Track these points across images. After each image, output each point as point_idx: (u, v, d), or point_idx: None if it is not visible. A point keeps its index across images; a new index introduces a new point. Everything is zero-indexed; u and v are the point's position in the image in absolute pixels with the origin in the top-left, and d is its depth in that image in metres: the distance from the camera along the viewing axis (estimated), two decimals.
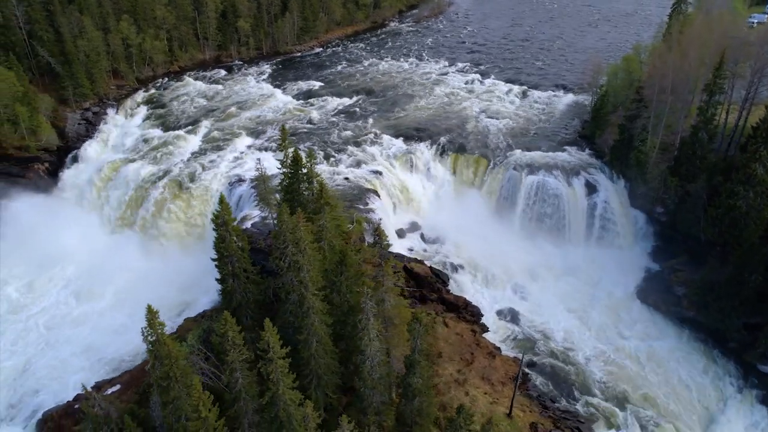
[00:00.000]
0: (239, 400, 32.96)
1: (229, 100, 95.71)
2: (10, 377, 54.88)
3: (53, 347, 57.71)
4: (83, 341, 57.06)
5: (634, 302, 61.99)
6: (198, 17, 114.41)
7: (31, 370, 55.76)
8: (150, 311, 32.14)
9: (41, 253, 69.93)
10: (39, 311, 62.86)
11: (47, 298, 64.52)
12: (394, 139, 79.56)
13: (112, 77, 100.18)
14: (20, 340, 59.09)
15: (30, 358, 57.03)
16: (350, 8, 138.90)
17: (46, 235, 72.22)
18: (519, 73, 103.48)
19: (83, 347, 56.41)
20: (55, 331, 59.58)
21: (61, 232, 72.92)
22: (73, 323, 60.33)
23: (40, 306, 63.72)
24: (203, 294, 58.08)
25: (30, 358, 57.03)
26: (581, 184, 69.20)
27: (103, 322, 60.08)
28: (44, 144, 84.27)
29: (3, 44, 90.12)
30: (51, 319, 61.16)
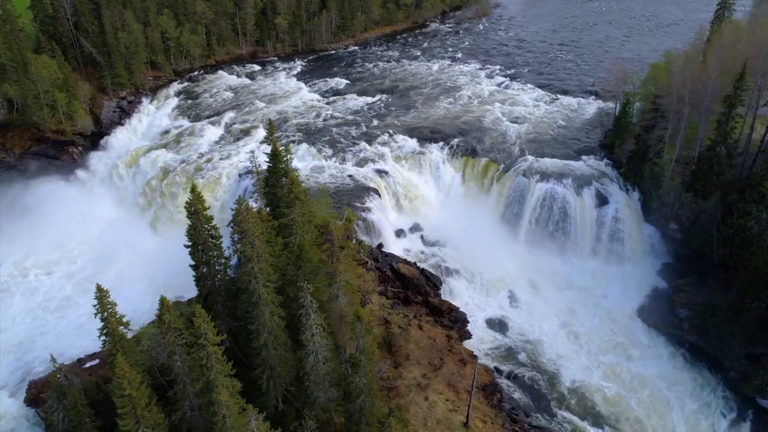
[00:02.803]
0: (178, 383, 33.83)
1: (255, 95, 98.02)
2: (13, 347, 58.46)
3: (56, 321, 61.05)
4: (81, 318, 59.84)
5: (635, 321, 59.14)
6: (238, 13, 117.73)
7: (34, 341, 59.25)
8: (99, 290, 33.56)
9: (63, 230, 74.18)
10: (51, 286, 66.67)
11: (60, 273, 68.27)
12: (407, 138, 79.18)
13: (149, 68, 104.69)
14: (28, 313, 62.82)
15: (34, 330, 60.62)
16: (390, 8, 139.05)
17: (70, 213, 76.52)
18: (551, 78, 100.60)
19: (80, 323, 59.23)
20: (61, 306, 62.98)
21: (84, 212, 77.25)
22: (76, 299, 63.53)
23: (53, 280, 67.58)
24: None
25: (34, 330, 60.62)
26: (592, 194, 66.56)
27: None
28: (79, 129, 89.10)
29: (52, 35, 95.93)
30: (58, 293, 64.67)
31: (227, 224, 38.60)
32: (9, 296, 65.07)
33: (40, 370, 54.00)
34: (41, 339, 59.81)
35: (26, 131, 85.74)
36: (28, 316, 62.26)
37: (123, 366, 28.83)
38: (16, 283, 67.13)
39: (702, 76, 57.17)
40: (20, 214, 75.77)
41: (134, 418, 29.93)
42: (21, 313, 62.84)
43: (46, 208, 76.23)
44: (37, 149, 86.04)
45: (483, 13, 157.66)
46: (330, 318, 38.90)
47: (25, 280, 67.34)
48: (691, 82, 58.24)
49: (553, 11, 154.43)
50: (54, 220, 74.14)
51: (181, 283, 64.77)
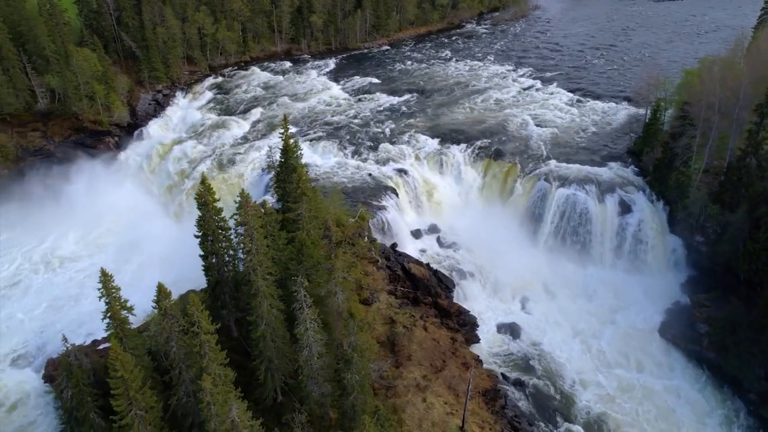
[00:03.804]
0: (174, 368, 34.77)
1: (285, 91, 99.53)
2: (40, 326, 61.15)
3: (79, 304, 63.51)
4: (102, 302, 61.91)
5: (652, 334, 57.18)
6: (274, 11, 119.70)
7: (58, 322, 61.77)
8: (104, 274, 34.81)
9: (94, 217, 77.14)
10: (78, 270, 69.42)
11: (89, 259, 70.96)
12: (430, 139, 78.91)
13: (186, 63, 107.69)
14: (55, 294, 65.57)
15: (59, 311, 63.24)
16: (425, 8, 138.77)
17: (102, 202, 79.49)
18: (583, 82, 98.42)
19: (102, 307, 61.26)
20: (85, 290, 65.44)
21: (116, 201, 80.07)
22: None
23: (80, 265, 70.35)
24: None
25: (59, 311, 63.24)
26: (615, 202, 64.76)
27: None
28: (116, 120, 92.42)
29: (95, 29, 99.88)
30: (84, 277, 67.23)
31: (230, 216, 39.38)
32: (39, 278, 68.12)
33: (58, 349, 56.18)
34: (65, 320, 62.25)
35: (66, 120, 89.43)
36: (54, 298, 64.91)
37: (116, 348, 29.85)
38: (46, 266, 70.19)
39: (733, 83, 54.90)
40: (55, 200, 79.11)
41: (127, 400, 30.93)
42: (48, 295, 65.57)
43: (80, 196, 79.41)
44: (76, 138, 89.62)
45: (521, 15, 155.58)
46: (328, 314, 39.26)
47: (54, 264, 70.24)
48: (722, 89, 55.97)
49: (591, 15, 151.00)
50: (86, 208, 77.12)
51: (201, 274, 66.48)
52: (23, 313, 62.20)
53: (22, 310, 62.62)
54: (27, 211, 77.17)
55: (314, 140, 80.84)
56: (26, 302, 63.93)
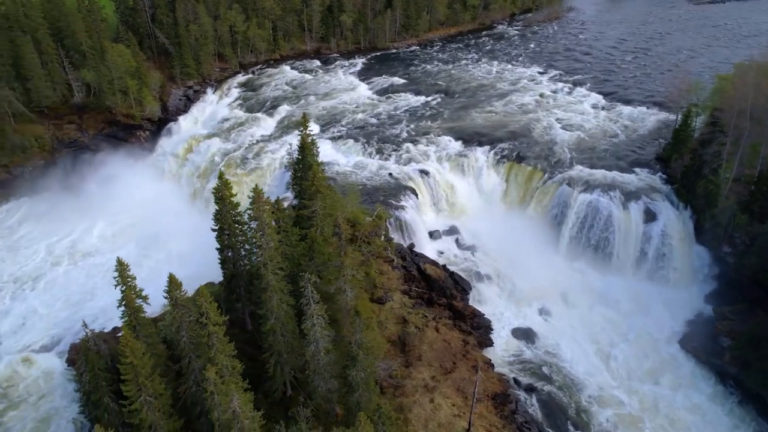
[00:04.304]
0: (184, 357, 35.59)
1: (312, 89, 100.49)
2: (67, 311, 63.29)
3: (106, 292, 65.31)
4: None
5: (672, 346, 55.72)
6: (305, 9, 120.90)
7: (85, 307, 63.86)
8: (120, 263, 35.86)
9: (122, 210, 79.33)
10: (106, 260, 71.45)
11: (110, 252, 72.75)
12: (453, 140, 78.56)
13: (217, 60, 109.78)
14: (83, 281, 67.73)
15: (87, 297, 65.33)
16: (456, 8, 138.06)
17: (131, 194, 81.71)
18: (614, 86, 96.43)
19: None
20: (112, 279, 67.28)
21: (143, 194, 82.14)
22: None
23: (107, 256, 72.34)
24: None
25: (87, 297, 65.33)
26: (639, 209, 63.34)
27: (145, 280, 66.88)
28: (147, 114, 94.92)
29: (131, 25, 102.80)
30: (107, 270, 69.14)
31: (244, 210, 40.04)
32: (68, 266, 70.42)
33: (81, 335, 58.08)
34: (92, 306, 64.34)
35: (100, 114, 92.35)
36: (82, 285, 67.04)
37: (127, 336, 30.75)
38: (75, 254, 72.46)
39: (766, 89, 53.07)
40: (85, 192, 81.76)
41: (136, 386, 31.81)
42: (76, 282, 67.76)
43: (109, 188, 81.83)
44: (109, 131, 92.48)
45: (554, 16, 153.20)
46: (337, 311, 39.56)
47: (83, 253, 72.49)
48: (756, 95, 54.19)
49: (626, 17, 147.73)
50: (114, 201, 79.37)
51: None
52: (49, 303, 64.27)
53: (48, 300, 64.74)
54: (57, 202, 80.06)
55: (338, 139, 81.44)
56: (51, 292, 65.98)
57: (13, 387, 53.91)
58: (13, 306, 63.95)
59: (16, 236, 75.68)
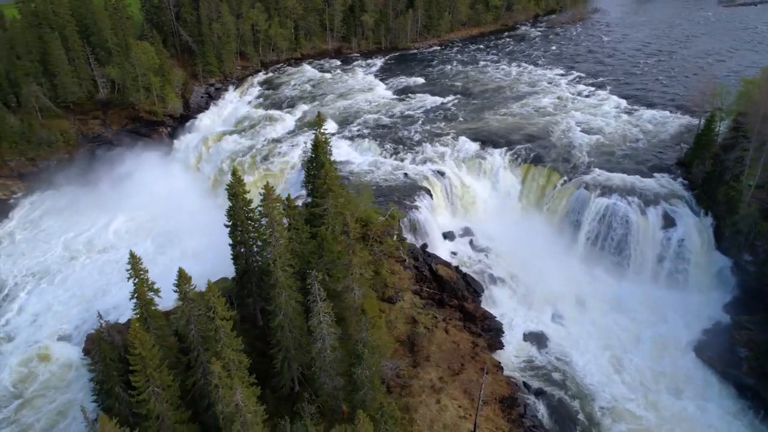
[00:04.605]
0: (192, 350, 36.15)
1: (331, 89, 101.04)
2: (87, 302, 64.76)
3: (123, 284, 66.65)
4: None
5: (687, 354, 54.67)
6: (327, 9, 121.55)
7: (103, 298, 65.27)
8: (132, 256, 36.58)
9: (143, 203, 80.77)
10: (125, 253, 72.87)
11: (134, 243, 74.29)
12: (470, 141, 78.14)
13: (239, 58, 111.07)
14: (102, 274, 69.22)
15: (106, 290, 66.76)
16: (479, 9, 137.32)
17: (151, 189, 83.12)
18: (637, 90, 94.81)
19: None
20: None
21: (164, 190, 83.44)
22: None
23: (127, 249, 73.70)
24: None
25: (106, 290, 66.76)
26: (658, 214, 62.26)
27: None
28: (169, 111, 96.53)
29: (155, 23, 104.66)
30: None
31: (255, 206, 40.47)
32: (86, 260, 71.99)
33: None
34: (108, 299, 65.67)
35: (124, 110, 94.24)
36: (99, 279, 68.51)
37: (136, 327, 31.37)
38: (93, 249, 74.00)
39: None
40: (108, 185, 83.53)
41: (145, 377, 32.43)
42: (93, 276, 69.22)
43: (130, 183, 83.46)
44: (132, 127, 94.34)
45: (579, 18, 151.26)
46: (344, 309, 39.76)
47: (100, 249, 74.00)
48: None
49: (653, 19, 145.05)
50: (134, 196, 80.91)
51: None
52: (66, 296, 65.89)
53: (65, 293, 66.40)
54: (78, 196, 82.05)
55: (355, 138, 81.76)
56: (68, 286, 67.54)
57: (32, 376, 55.43)
58: (31, 299, 65.65)
59: (37, 230, 77.77)
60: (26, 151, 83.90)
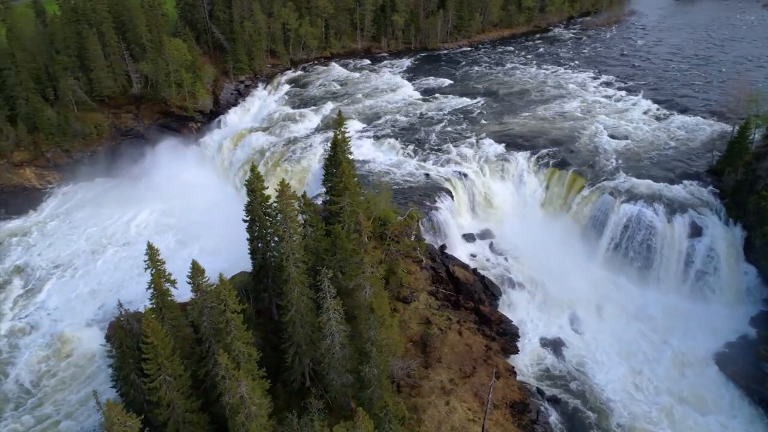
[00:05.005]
0: (204, 341, 36.90)
1: (359, 88, 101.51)
2: (112, 291, 66.69)
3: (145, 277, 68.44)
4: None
5: (710, 368, 53.07)
6: (357, 9, 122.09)
7: (128, 287, 67.11)
8: (150, 248, 37.54)
9: (169, 197, 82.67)
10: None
11: (158, 236, 75.95)
12: (495, 143, 77.47)
13: (269, 56, 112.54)
14: (129, 264, 71.08)
15: (131, 279, 68.56)
16: (511, 10, 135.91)
17: (179, 183, 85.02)
18: (670, 94, 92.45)
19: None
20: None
21: (191, 184, 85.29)
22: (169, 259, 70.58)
23: (154, 239, 75.57)
24: None
25: (131, 279, 68.56)
26: (685, 223, 60.62)
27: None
28: (199, 107, 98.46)
29: (189, 20, 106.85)
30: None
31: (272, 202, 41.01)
32: (114, 250, 74.08)
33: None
34: (133, 288, 67.47)
35: (156, 105, 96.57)
36: (125, 269, 70.39)
37: (149, 317, 32.21)
38: (120, 240, 76.05)
39: None
40: (137, 179, 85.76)
41: (156, 365, 33.26)
42: (120, 267, 71.14)
43: (159, 177, 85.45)
44: (163, 122, 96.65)
45: (614, 20, 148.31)
46: (356, 307, 39.96)
47: (127, 240, 76.00)
48: None
49: (691, 23, 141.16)
50: (162, 189, 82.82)
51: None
52: (92, 287, 67.77)
53: (91, 284, 68.23)
54: (108, 188, 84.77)
55: (379, 137, 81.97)
56: (93, 276, 69.46)
57: (56, 362, 57.38)
58: (57, 288, 67.80)
59: (67, 221, 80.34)
60: (62, 142, 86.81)
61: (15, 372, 56.87)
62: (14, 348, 60.05)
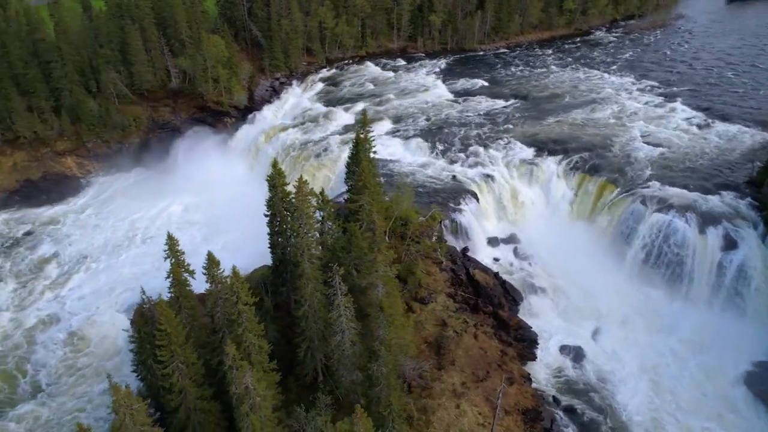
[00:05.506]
0: (217, 332, 37.68)
1: (392, 87, 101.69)
2: (138, 279, 68.70)
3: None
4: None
5: (738, 387, 50.93)
6: (395, 8, 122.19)
7: (154, 279, 68.95)
8: (170, 238, 38.57)
9: (200, 190, 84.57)
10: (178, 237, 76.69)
11: (186, 229, 77.71)
12: (526, 147, 76.37)
13: (305, 54, 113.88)
14: (157, 254, 73.09)
15: (159, 268, 70.47)
16: (551, 12, 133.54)
17: (210, 177, 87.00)
18: (713, 101, 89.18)
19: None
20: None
21: (222, 178, 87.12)
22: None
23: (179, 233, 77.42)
24: None
25: (159, 268, 70.47)
26: (718, 235, 58.41)
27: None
28: (235, 102, 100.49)
29: (228, 18, 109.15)
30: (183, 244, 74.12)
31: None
32: (144, 240, 76.36)
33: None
34: (162, 276, 69.39)
35: (192, 99, 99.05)
36: (152, 260, 72.31)
37: (162, 305, 33.12)
38: (152, 231, 78.19)
39: None
40: (170, 171, 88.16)
41: (169, 352, 34.16)
42: (147, 257, 73.25)
43: (191, 170, 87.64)
44: (199, 116, 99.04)
45: (660, 24, 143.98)
46: (368, 305, 40.07)
47: (155, 232, 77.93)
48: None
49: (744, 27, 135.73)
50: (194, 182, 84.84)
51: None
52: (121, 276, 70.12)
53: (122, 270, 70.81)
54: (143, 179, 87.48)
55: (408, 138, 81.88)
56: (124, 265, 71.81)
57: (84, 345, 59.56)
58: (89, 276, 70.29)
59: (103, 210, 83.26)
60: (102, 133, 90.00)
61: (41, 358, 59.06)
62: (41, 334, 62.41)
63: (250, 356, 35.28)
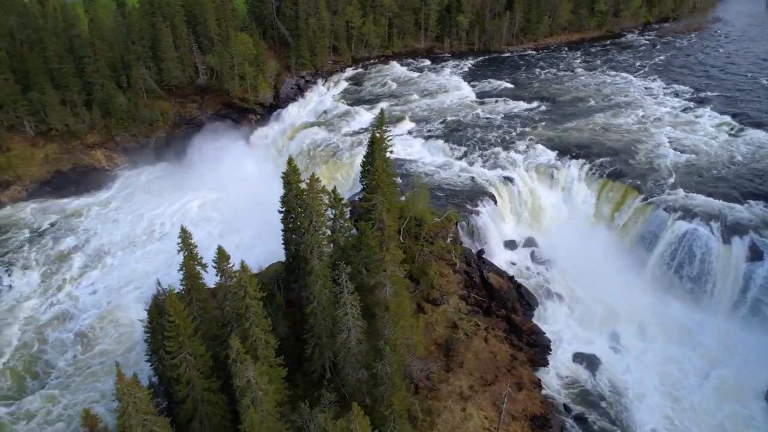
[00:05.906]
0: (226, 325, 38.24)
1: (416, 87, 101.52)
2: (156, 271, 70.12)
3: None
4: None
5: (759, 402, 49.45)
6: (423, 8, 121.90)
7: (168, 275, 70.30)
8: (183, 231, 39.29)
9: (223, 186, 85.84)
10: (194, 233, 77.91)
11: (206, 224, 78.94)
12: (548, 150, 75.30)
13: (331, 53, 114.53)
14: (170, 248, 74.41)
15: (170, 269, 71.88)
16: (582, 14, 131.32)
17: (233, 173, 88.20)
18: (745, 108, 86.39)
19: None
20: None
21: (245, 175, 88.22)
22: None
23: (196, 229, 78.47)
24: None
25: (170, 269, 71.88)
26: (744, 245, 56.70)
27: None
28: (260, 99, 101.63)
29: (257, 16, 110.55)
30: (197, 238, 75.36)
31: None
32: (164, 234, 77.82)
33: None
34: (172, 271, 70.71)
35: (219, 96, 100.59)
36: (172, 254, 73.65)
37: (172, 297, 33.77)
38: (172, 225, 79.57)
39: None
40: (196, 166, 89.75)
41: (178, 343, 34.82)
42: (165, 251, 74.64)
43: (214, 166, 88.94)
44: (224, 112, 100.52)
45: (695, 27, 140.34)
46: (376, 304, 40.15)
47: (175, 225, 79.30)
48: None
49: None
50: (217, 178, 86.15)
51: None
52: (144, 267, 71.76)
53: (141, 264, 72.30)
54: (167, 174, 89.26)
55: (429, 138, 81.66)
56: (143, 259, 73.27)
57: (101, 335, 61.05)
58: (108, 268, 71.92)
59: (128, 203, 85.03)
60: (130, 127, 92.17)
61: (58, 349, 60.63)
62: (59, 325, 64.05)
63: (256, 350, 35.72)
